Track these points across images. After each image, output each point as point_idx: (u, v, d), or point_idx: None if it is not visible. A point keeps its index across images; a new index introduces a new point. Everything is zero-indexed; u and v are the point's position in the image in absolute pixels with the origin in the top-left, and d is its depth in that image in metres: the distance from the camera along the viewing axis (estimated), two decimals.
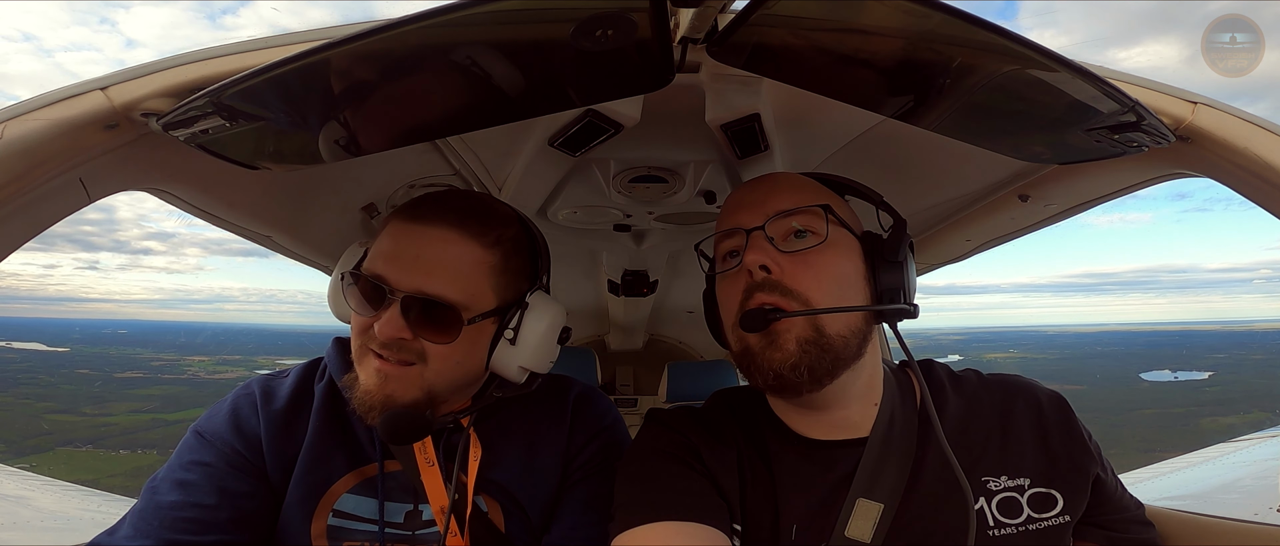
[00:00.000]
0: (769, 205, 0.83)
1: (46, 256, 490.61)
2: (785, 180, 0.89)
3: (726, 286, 0.85)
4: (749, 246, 0.81)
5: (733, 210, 0.87)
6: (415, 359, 0.82)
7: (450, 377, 0.86)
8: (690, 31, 0.70)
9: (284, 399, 0.91)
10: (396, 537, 0.88)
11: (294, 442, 0.88)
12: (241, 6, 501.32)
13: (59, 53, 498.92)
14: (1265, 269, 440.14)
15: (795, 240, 0.82)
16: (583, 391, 1.04)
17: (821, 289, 0.78)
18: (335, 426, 0.91)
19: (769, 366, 0.78)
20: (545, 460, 0.95)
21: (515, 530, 0.91)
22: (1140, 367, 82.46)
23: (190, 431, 0.89)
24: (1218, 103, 0.78)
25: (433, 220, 0.83)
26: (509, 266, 0.88)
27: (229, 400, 0.91)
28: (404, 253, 0.82)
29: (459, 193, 0.92)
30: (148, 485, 0.84)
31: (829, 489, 0.80)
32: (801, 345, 0.77)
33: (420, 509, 0.89)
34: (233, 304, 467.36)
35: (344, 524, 0.87)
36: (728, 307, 0.85)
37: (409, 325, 0.80)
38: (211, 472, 0.83)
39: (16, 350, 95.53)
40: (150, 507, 0.80)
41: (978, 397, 0.87)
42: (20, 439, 50.08)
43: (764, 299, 0.78)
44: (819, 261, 0.80)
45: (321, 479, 0.87)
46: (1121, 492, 0.89)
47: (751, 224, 0.82)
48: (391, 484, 0.89)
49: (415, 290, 0.80)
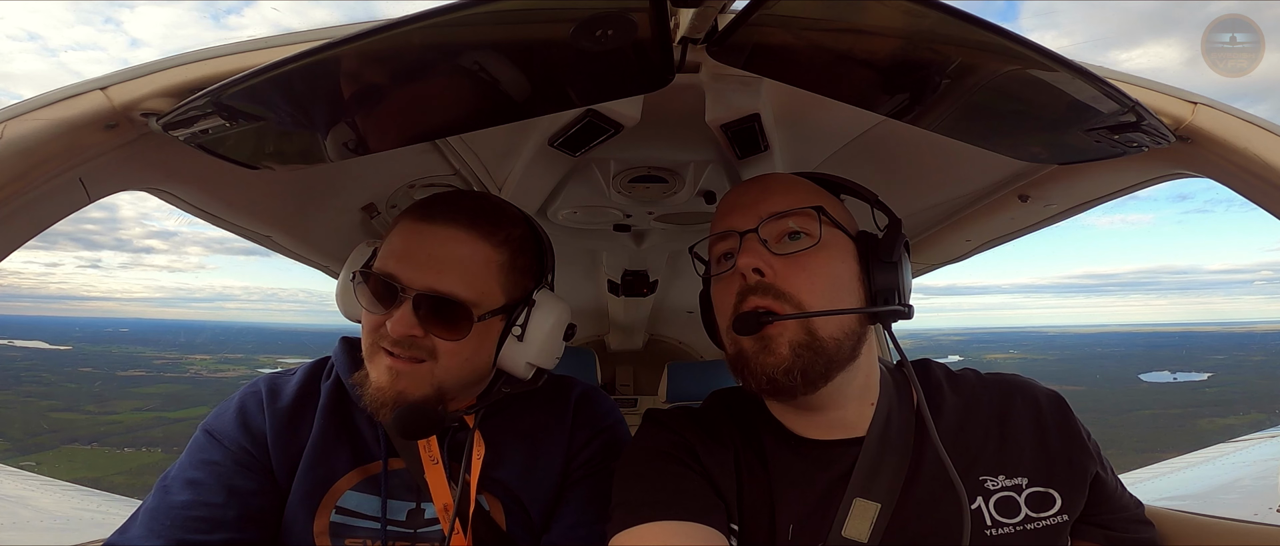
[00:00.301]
0: (762, 207, 0.83)
1: (49, 255, 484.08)
2: (779, 181, 0.88)
3: (721, 289, 0.85)
4: (742, 249, 0.81)
5: (726, 212, 0.87)
6: (426, 356, 0.83)
7: (460, 374, 0.87)
8: (690, 31, 0.70)
9: (290, 397, 0.92)
10: (398, 535, 0.89)
11: (299, 440, 0.89)
12: (245, 6, 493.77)
13: (63, 52, 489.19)
14: (1266, 270, 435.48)
15: (789, 242, 0.82)
16: (585, 390, 1.05)
17: (815, 291, 0.78)
18: (340, 424, 0.91)
19: (762, 370, 0.78)
20: (547, 459, 0.96)
21: (516, 528, 0.92)
22: (1139, 368, 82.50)
23: (199, 429, 0.91)
24: (1217, 103, 0.78)
25: (444, 219, 0.85)
26: (516, 265, 0.90)
27: (236, 398, 0.93)
28: (415, 251, 0.83)
29: (468, 193, 0.93)
30: (159, 483, 0.86)
31: (826, 488, 0.80)
32: (794, 348, 0.76)
33: (422, 507, 0.90)
34: (234, 302, 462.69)
35: (346, 520, 0.88)
36: (722, 310, 0.85)
37: (420, 322, 0.82)
38: (220, 471, 0.85)
39: (19, 348, 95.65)
40: (163, 506, 0.82)
41: (975, 397, 0.87)
42: (24, 436, 50.19)
43: (757, 302, 0.78)
44: (812, 263, 0.80)
45: (325, 476, 0.88)
46: (1121, 492, 0.89)
47: (745, 226, 0.82)
48: (394, 482, 0.90)
49: (427, 288, 0.82)
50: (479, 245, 0.85)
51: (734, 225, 0.84)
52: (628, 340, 3.56)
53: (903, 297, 0.82)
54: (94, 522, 1.70)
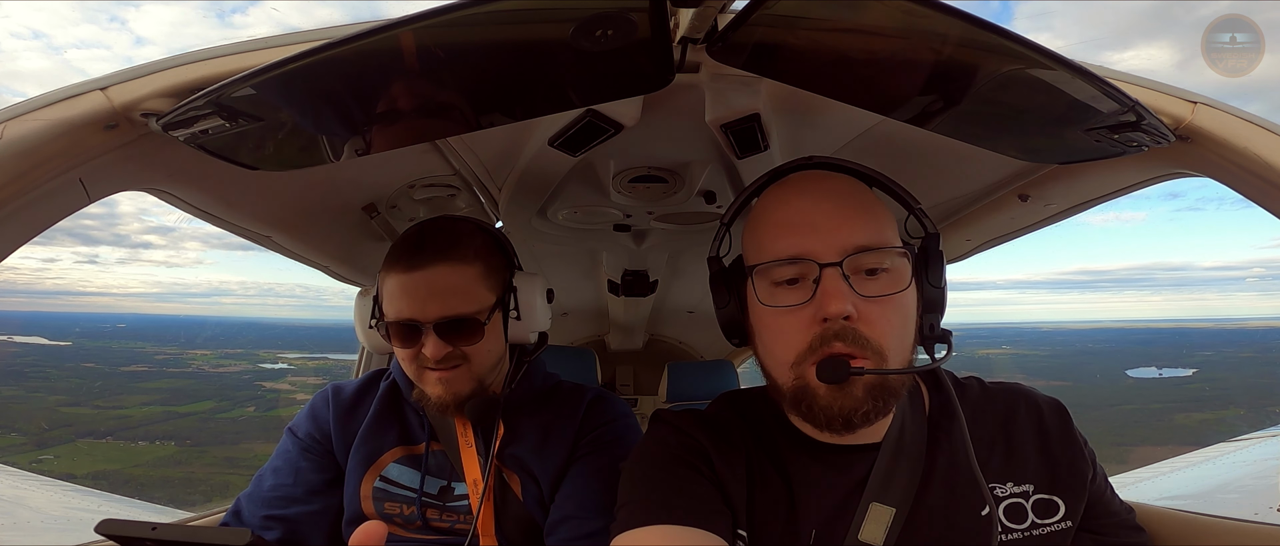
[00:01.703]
0: (845, 235, 0.75)
1: (46, 251, 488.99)
2: (849, 197, 0.80)
3: (787, 319, 0.77)
4: (825, 286, 0.74)
5: (795, 230, 0.77)
6: (460, 361, 1.03)
7: (488, 363, 1.08)
8: (690, 31, 0.70)
9: (350, 392, 1.18)
10: (430, 504, 1.08)
11: (356, 422, 1.14)
12: (251, 6, 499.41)
13: (68, 50, 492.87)
14: (1258, 267, 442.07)
15: (868, 279, 0.76)
16: (600, 393, 1.20)
17: (896, 336, 0.76)
18: (392, 413, 1.14)
19: (838, 411, 0.75)
20: (557, 441, 1.11)
21: (530, 499, 1.09)
22: (1128, 364, 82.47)
23: (285, 429, 1.17)
24: (1217, 102, 0.78)
25: (425, 262, 1.02)
26: (491, 266, 1.08)
27: (310, 402, 1.20)
28: (417, 294, 1.01)
29: (430, 229, 1.08)
30: (256, 474, 1.12)
31: (846, 493, 0.80)
32: (870, 392, 0.74)
33: (453, 486, 1.09)
34: (230, 297, 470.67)
35: (388, 487, 1.09)
36: (785, 340, 0.78)
37: (447, 342, 1.01)
38: (290, 458, 1.12)
39: (19, 344, 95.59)
40: (255, 492, 1.09)
41: (980, 406, 0.87)
42: (40, 431, 50.34)
43: (843, 349, 0.73)
44: (894, 308, 0.76)
45: (375, 449, 1.11)
46: (1112, 497, 0.89)
47: (826, 258, 0.74)
48: (432, 462, 1.11)
49: (439, 317, 1.00)
50: (458, 269, 1.03)
51: (813, 253, 0.75)
52: (628, 340, 3.56)
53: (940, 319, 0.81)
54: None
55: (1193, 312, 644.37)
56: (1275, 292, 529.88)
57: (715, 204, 1.43)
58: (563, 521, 1.05)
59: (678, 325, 3.52)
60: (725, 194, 1.38)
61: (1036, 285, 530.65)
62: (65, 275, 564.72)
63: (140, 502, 2.48)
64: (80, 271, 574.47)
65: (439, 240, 1.04)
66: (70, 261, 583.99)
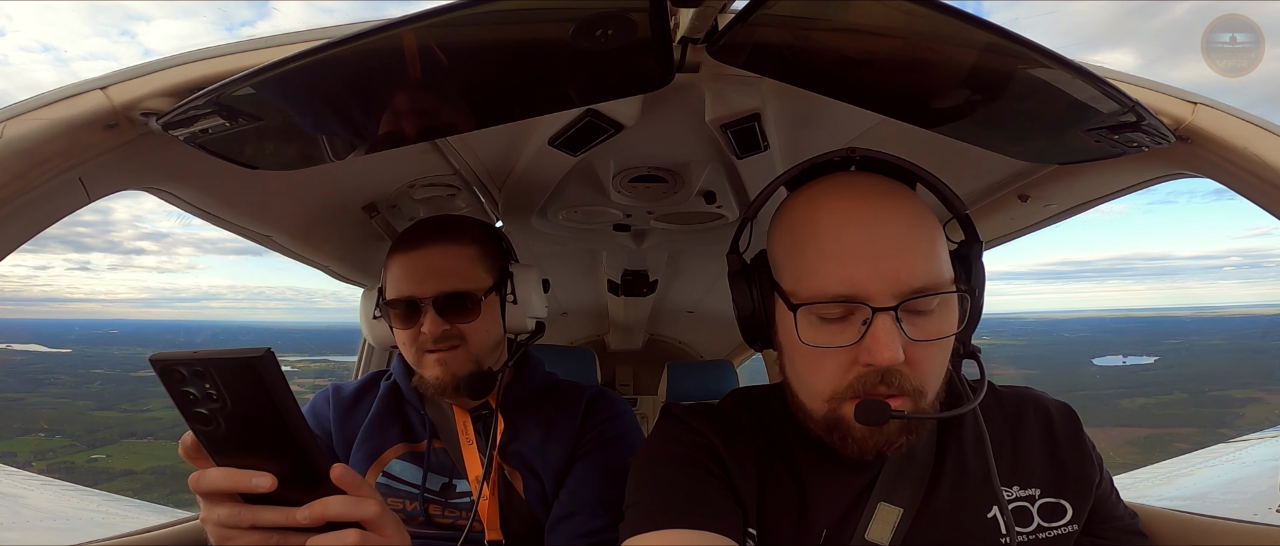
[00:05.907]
0: (903, 277, 0.69)
1: (37, 258, 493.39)
2: (906, 222, 0.72)
3: (829, 357, 0.73)
4: (876, 334, 0.68)
5: (846, 263, 0.70)
6: (458, 341, 1.06)
7: (485, 344, 1.10)
8: (690, 31, 0.70)
9: (350, 392, 1.21)
10: (432, 500, 1.10)
11: (356, 421, 1.16)
12: (259, 20, 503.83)
13: (76, 62, 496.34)
14: (1235, 256, 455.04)
15: (919, 319, 0.71)
16: (599, 390, 1.22)
17: (937, 375, 0.74)
18: (394, 411, 1.17)
19: (871, 446, 0.74)
20: (559, 438, 1.13)
21: (532, 496, 1.11)
22: (1098, 353, 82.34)
23: None
24: (1218, 103, 0.78)
25: (424, 242, 1.08)
26: (487, 251, 1.13)
27: (311, 400, 1.23)
28: (417, 271, 1.06)
29: (431, 218, 1.17)
30: None
31: (856, 494, 0.81)
32: (905, 428, 0.74)
33: (454, 483, 1.11)
34: (219, 301, 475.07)
35: (390, 483, 1.11)
36: (826, 377, 0.74)
37: (445, 319, 1.04)
38: None
39: (19, 352, 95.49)
40: None
41: (989, 409, 0.87)
42: (86, 433, 51.74)
43: (886, 393, 0.70)
44: (940, 346, 0.73)
45: (378, 446, 1.13)
46: (1115, 501, 0.89)
47: (881, 302, 0.68)
48: (434, 458, 1.13)
49: (438, 293, 1.04)
50: (456, 248, 1.08)
51: (867, 296, 0.69)
52: (628, 340, 3.56)
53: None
54: (93, 523, 1.71)
55: (1175, 300, 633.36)
56: (1257, 280, 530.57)
57: (715, 204, 1.43)
58: (566, 518, 1.06)
59: (678, 325, 3.52)
60: (725, 194, 1.38)
61: (1022, 276, 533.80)
62: (54, 281, 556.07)
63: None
64: (69, 278, 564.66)
65: (437, 224, 1.13)
66: (61, 268, 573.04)
